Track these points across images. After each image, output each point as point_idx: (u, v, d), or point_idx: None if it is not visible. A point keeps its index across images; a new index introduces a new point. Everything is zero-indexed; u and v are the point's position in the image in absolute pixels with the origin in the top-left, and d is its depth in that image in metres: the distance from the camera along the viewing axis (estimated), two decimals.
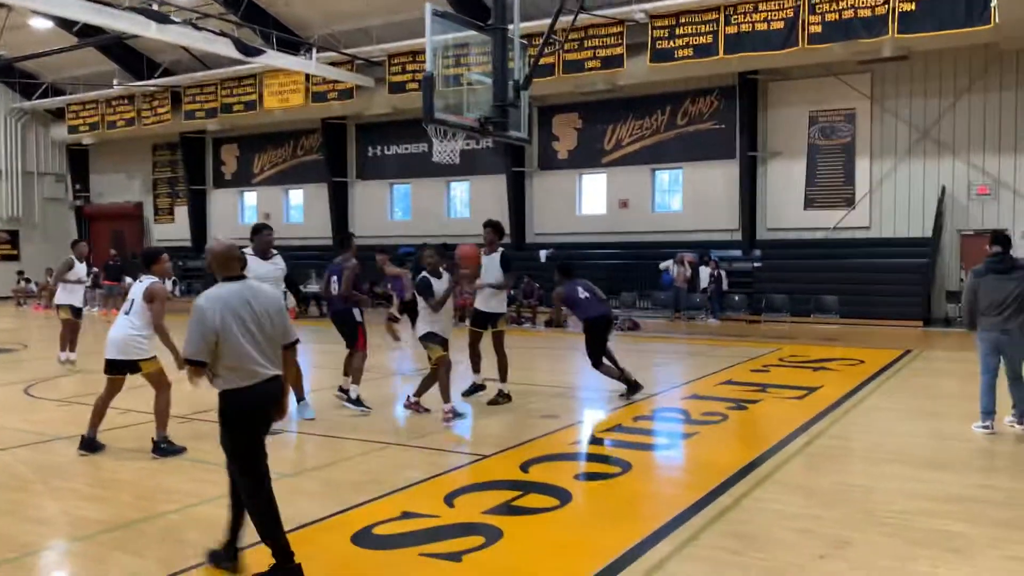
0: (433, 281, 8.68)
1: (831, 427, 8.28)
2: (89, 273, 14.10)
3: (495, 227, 9.86)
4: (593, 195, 25.39)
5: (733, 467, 6.65)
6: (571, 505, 5.79)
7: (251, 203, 32.13)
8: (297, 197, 30.99)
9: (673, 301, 21.30)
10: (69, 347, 12.62)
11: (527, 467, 6.71)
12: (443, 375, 8.61)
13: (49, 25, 24.65)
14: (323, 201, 29.28)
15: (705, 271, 21.21)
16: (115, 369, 7.18)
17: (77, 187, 35.22)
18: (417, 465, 7.00)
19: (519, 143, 17.35)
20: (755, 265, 22.07)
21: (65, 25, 24.17)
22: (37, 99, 32.31)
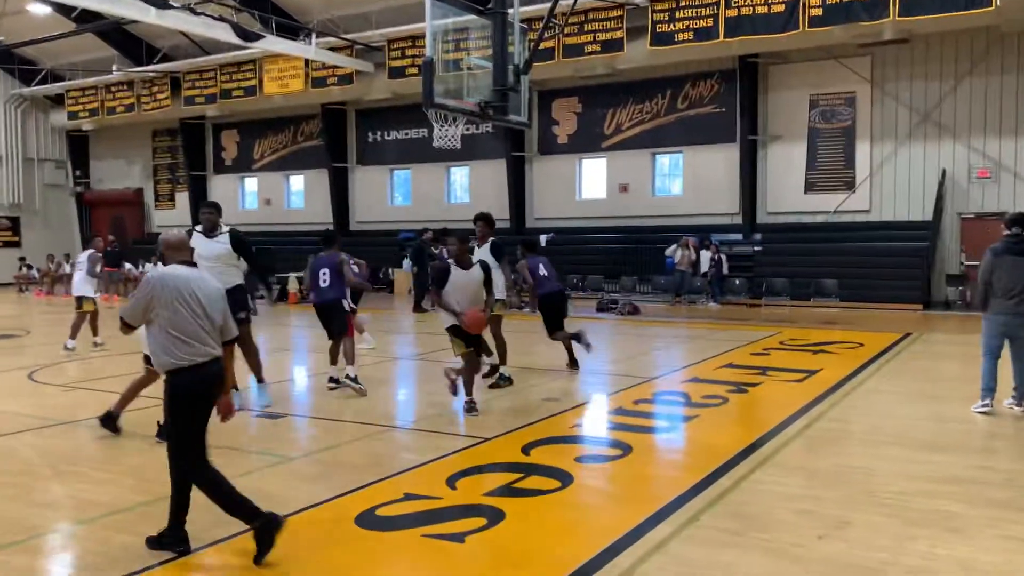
0: (454, 271, 8.13)
1: (831, 410, 8.32)
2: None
3: (487, 220, 9.81)
4: (593, 179, 25.36)
5: (733, 449, 6.69)
6: (572, 487, 5.84)
7: (252, 189, 32.12)
8: (298, 183, 30.97)
9: (677, 285, 21.32)
10: (93, 332, 13.14)
11: (528, 450, 6.75)
12: (467, 371, 8.18)
13: (47, 11, 24.59)
14: (324, 187, 29.27)
15: (706, 255, 21.22)
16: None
17: (77, 173, 35.20)
18: (418, 448, 7.04)
19: (519, 127, 17.33)
20: (755, 249, 22.07)
21: (64, 11, 24.06)
22: (36, 85, 32.24)
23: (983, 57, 19.86)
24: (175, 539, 4.61)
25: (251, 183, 32.11)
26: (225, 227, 8.36)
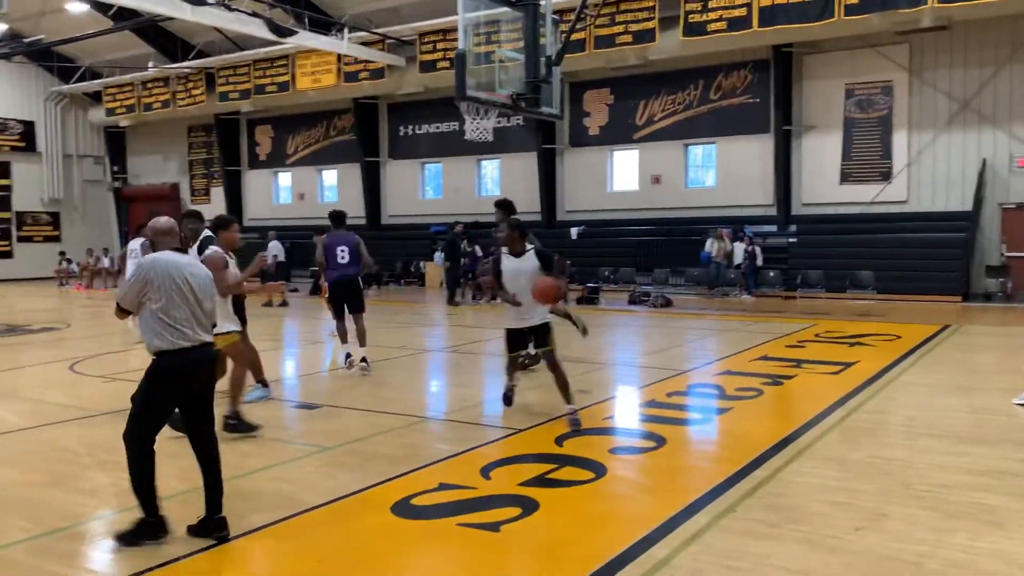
0: (506, 260, 7.49)
1: (867, 402, 8.23)
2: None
3: (500, 206, 9.93)
4: (625, 171, 25.23)
5: (769, 441, 6.65)
6: (606, 478, 5.84)
7: (285, 184, 32.41)
8: (331, 177, 31.19)
9: (713, 277, 21.17)
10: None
11: (561, 441, 6.77)
12: (559, 372, 7.46)
13: (86, 8, 25.02)
14: (356, 181, 29.44)
15: (740, 247, 21.05)
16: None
17: (115, 169, 35.81)
18: (452, 439, 7.10)
19: (551, 119, 17.29)
20: (790, 241, 21.84)
21: (101, 8, 24.48)
22: (75, 83, 32.79)
23: None
24: (213, 525, 4.70)
25: (285, 178, 32.40)
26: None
